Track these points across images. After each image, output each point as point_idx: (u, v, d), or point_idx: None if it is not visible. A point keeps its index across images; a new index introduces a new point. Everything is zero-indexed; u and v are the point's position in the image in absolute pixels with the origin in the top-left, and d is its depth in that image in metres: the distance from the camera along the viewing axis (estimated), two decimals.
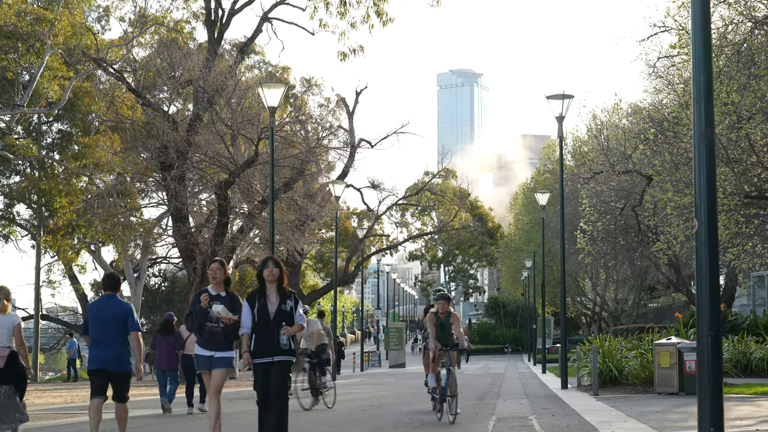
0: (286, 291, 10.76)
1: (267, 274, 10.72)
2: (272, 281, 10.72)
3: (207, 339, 11.38)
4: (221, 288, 11.46)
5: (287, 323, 10.62)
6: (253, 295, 10.81)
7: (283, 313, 10.62)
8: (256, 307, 10.68)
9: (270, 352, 10.61)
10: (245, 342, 10.71)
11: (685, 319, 27.52)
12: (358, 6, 38.19)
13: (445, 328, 15.76)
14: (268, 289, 10.72)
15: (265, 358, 10.62)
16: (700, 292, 8.12)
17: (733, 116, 22.03)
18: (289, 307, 10.69)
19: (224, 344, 11.35)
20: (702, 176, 8.17)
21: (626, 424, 13.89)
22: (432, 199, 66.63)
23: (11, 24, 35.54)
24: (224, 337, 11.28)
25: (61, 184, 40.62)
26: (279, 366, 10.67)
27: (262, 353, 10.64)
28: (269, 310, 10.62)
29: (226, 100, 37.36)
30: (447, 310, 15.94)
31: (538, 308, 56.66)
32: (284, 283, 10.77)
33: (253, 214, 38.22)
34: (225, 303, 11.23)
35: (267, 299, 10.67)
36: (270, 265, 10.77)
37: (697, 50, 8.31)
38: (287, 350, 10.68)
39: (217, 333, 11.29)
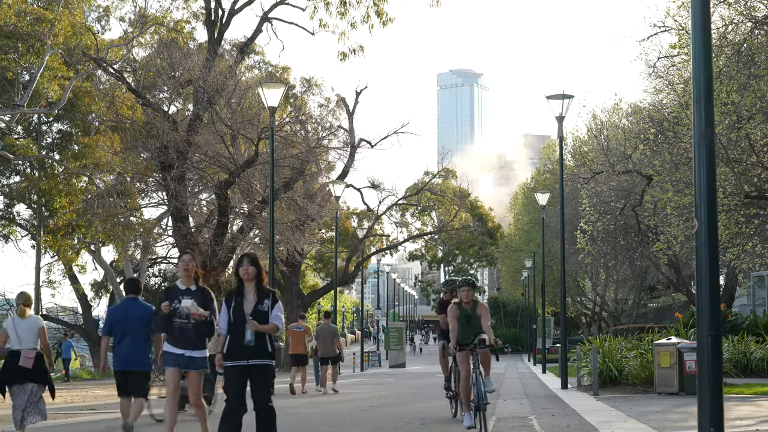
0: (264, 290, 10.21)
1: (243, 273, 10.18)
2: (249, 280, 10.17)
3: (177, 337, 10.85)
4: (191, 282, 11.01)
5: (263, 324, 10.05)
6: (231, 294, 10.29)
7: (259, 313, 10.05)
8: (232, 306, 10.11)
9: (244, 355, 9.98)
10: (220, 343, 10.21)
11: (685, 319, 27.53)
12: (358, 6, 38.19)
13: (471, 322, 13.17)
14: (246, 288, 10.17)
15: (239, 361, 9.98)
16: (700, 292, 8.12)
17: (733, 116, 22.03)
18: (267, 307, 10.13)
19: (196, 342, 10.82)
20: (702, 176, 8.17)
21: (626, 424, 13.90)
22: (432, 199, 66.61)
23: (11, 24, 35.54)
24: (196, 334, 10.77)
25: (61, 184, 40.60)
26: (259, 372, 10.03)
27: (236, 356, 9.99)
28: (245, 310, 10.06)
29: (226, 100, 37.35)
30: (473, 299, 13.31)
31: (538, 308, 56.66)
32: (263, 282, 10.23)
33: (253, 214, 38.21)
34: (195, 297, 10.74)
35: (244, 298, 10.12)
36: (245, 263, 10.22)
37: (697, 50, 8.31)
38: (265, 354, 10.05)
39: (188, 330, 10.78)
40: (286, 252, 42.74)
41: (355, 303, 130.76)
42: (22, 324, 12.69)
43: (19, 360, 12.50)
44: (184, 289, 10.93)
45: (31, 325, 12.72)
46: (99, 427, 16.15)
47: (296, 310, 52.17)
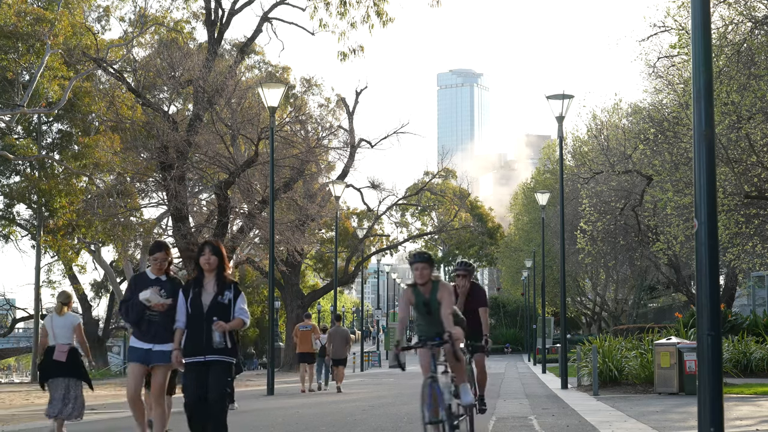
0: (226, 280, 9.47)
1: (203, 263, 9.45)
2: (210, 270, 9.45)
3: (145, 330, 10.14)
4: (162, 272, 10.24)
5: (223, 317, 9.31)
6: (189, 284, 9.56)
7: (219, 305, 9.32)
8: (190, 297, 9.41)
9: (202, 351, 9.28)
10: (177, 338, 9.49)
11: (685, 319, 27.53)
12: (358, 6, 38.17)
13: (433, 310, 10.10)
14: (206, 278, 9.45)
15: (196, 357, 9.31)
16: (700, 292, 8.12)
17: (733, 116, 22.03)
18: (228, 299, 9.38)
19: (163, 335, 9.95)
20: (702, 176, 8.17)
21: (626, 424, 13.89)
22: (432, 199, 66.61)
23: (11, 24, 35.55)
24: (164, 327, 9.94)
25: (61, 184, 40.61)
26: (216, 369, 9.31)
27: (193, 351, 9.32)
28: (203, 302, 9.34)
29: (226, 100, 37.33)
30: (430, 278, 10.05)
31: (538, 308, 56.66)
32: (225, 272, 9.48)
33: (253, 214, 38.20)
34: (165, 287, 10.02)
35: (203, 289, 9.39)
36: (207, 252, 9.46)
37: (697, 50, 8.31)
38: (224, 349, 9.32)
39: (156, 323, 10.04)
40: (286, 252, 42.73)
41: (355, 303, 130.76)
42: (59, 321, 13.45)
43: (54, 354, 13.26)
44: (153, 278, 10.17)
45: (67, 322, 13.48)
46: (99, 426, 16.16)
47: (296, 310, 52.20)
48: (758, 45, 21.66)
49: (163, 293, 9.96)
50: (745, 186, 23.99)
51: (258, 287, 69.09)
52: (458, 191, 68.04)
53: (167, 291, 9.99)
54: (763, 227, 25.80)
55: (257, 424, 15.88)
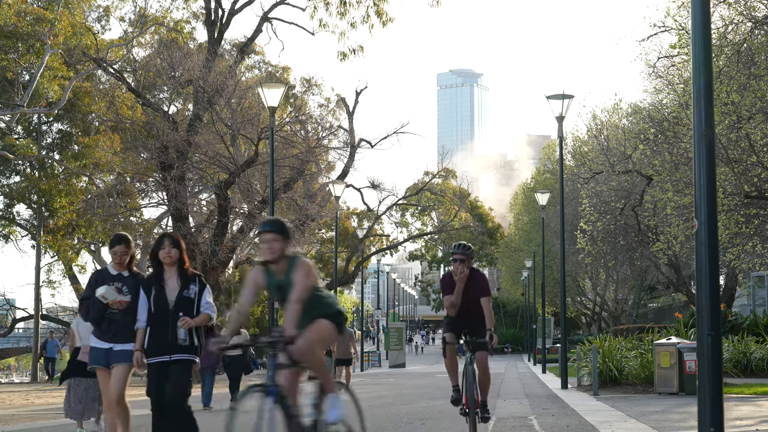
0: (189, 273, 8.99)
1: (164, 256, 8.96)
2: (171, 264, 8.97)
3: (106, 329, 9.41)
4: (123, 267, 9.50)
5: (190, 313, 8.86)
6: (149, 280, 9.03)
7: (185, 300, 8.86)
8: (152, 295, 8.90)
9: (167, 350, 8.79)
10: (139, 338, 8.95)
11: (685, 319, 27.53)
12: (358, 6, 38.19)
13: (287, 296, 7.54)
14: (167, 272, 8.97)
15: (161, 356, 8.82)
16: (700, 292, 8.12)
17: (733, 116, 22.03)
18: (194, 293, 8.92)
19: (125, 334, 9.29)
20: (702, 176, 8.17)
21: (626, 424, 13.89)
22: (432, 199, 66.62)
23: (11, 24, 35.56)
24: (125, 326, 9.29)
25: (61, 184, 40.63)
26: (177, 367, 8.84)
27: (158, 351, 8.82)
28: (168, 298, 8.86)
29: (226, 100, 37.34)
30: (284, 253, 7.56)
31: (538, 308, 56.67)
32: (186, 265, 9.00)
33: (253, 214, 38.20)
34: (127, 284, 9.36)
35: (165, 285, 8.91)
36: (167, 245, 8.98)
37: (697, 50, 8.31)
38: (188, 347, 8.87)
39: (117, 321, 9.34)
40: None
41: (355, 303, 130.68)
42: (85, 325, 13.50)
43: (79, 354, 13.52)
44: (115, 274, 9.46)
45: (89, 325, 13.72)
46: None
47: None
48: (758, 45, 21.66)
49: (125, 290, 9.31)
50: (745, 186, 23.99)
51: None
52: (458, 191, 68.06)
53: (129, 287, 9.33)
54: (763, 227, 25.80)
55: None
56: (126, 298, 9.24)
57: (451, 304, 11.15)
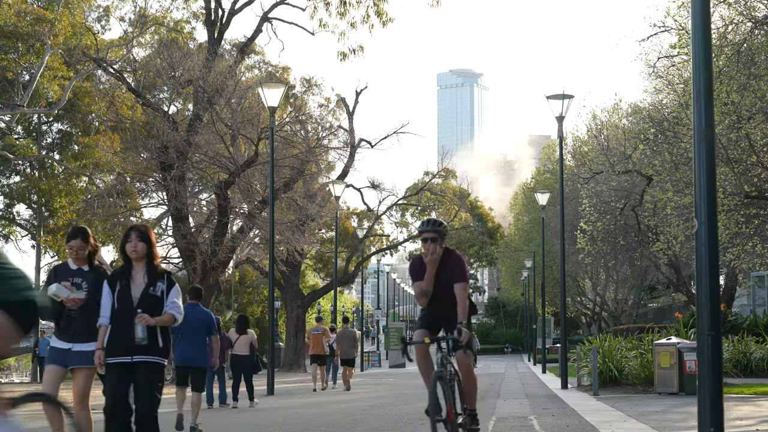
0: (157, 270, 8.49)
1: (130, 250, 8.45)
2: (138, 258, 8.45)
3: (65, 328, 8.87)
4: (83, 262, 8.96)
5: (156, 311, 8.30)
6: (115, 275, 8.54)
7: (150, 298, 8.33)
8: (117, 290, 8.40)
9: (129, 350, 8.22)
10: (100, 336, 8.38)
11: (685, 319, 27.52)
12: (358, 6, 38.19)
13: None
14: (135, 268, 8.46)
15: (122, 357, 8.24)
16: (700, 292, 8.12)
17: (733, 116, 22.03)
18: (160, 291, 8.40)
19: (84, 333, 8.76)
20: (702, 176, 8.18)
21: (626, 424, 13.89)
22: (432, 199, 66.58)
23: (11, 24, 35.57)
24: (84, 324, 8.76)
25: (61, 184, 40.64)
26: (144, 372, 8.22)
27: (118, 350, 8.24)
28: (132, 295, 8.33)
29: (226, 100, 37.34)
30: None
31: (538, 308, 56.67)
32: (155, 261, 8.53)
33: (253, 214, 38.20)
34: (87, 279, 8.87)
35: (131, 281, 8.40)
36: (133, 238, 8.48)
37: (697, 50, 8.31)
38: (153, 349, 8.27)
39: (75, 319, 8.82)
40: (286, 252, 42.72)
41: (355, 303, 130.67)
42: None
43: None
44: (75, 269, 8.95)
45: None
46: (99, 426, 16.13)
47: (296, 310, 52.23)
48: (758, 45, 21.66)
49: (84, 285, 8.82)
50: (745, 186, 23.99)
51: (258, 287, 69.09)
52: (458, 191, 68.03)
53: (89, 283, 8.82)
54: (763, 227, 25.81)
55: (257, 423, 15.88)
56: (80, 296, 8.72)
57: (421, 293, 9.33)
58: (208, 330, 14.46)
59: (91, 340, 8.65)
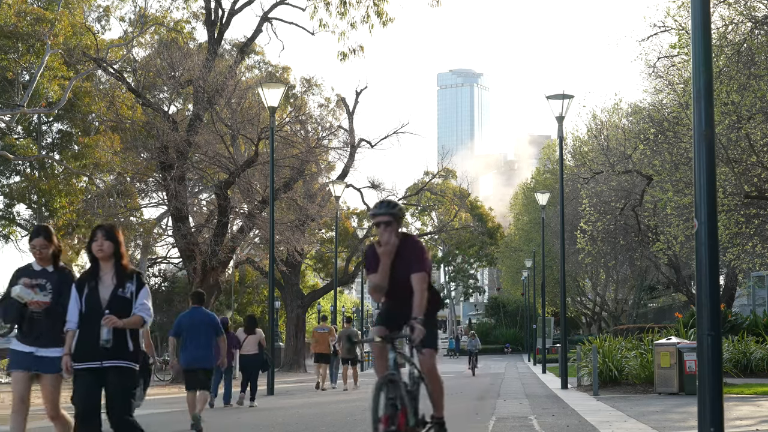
0: (126, 270, 8.09)
1: (96, 250, 8.05)
2: (105, 258, 8.06)
3: (27, 331, 8.50)
4: (48, 262, 8.63)
5: (125, 314, 7.89)
6: (83, 277, 8.12)
7: (120, 300, 7.94)
8: (85, 293, 7.99)
9: (98, 355, 7.81)
10: (68, 341, 7.98)
11: (685, 319, 27.53)
12: (358, 6, 38.19)
13: None
14: (103, 268, 8.07)
15: (90, 362, 7.83)
16: (700, 292, 8.12)
17: (733, 116, 22.03)
18: (129, 292, 8.00)
19: (49, 337, 8.39)
20: (702, 176, 8.18)
21: (626, 424, 13.89)
22: (432, 199, 66.60)
23: (11, 24, 35.55)
24: (50, 327, 8.39)
25: (61, 184, 40.61)
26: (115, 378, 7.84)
27: (87, 355, 7.85)
28: (101, 297, 7.94)
29: (226, 100, 37.34)
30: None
31: (538, 308, 56.66)
32: (123, 261, 8.12)
33: (253, 214, 38.20)
34: (51, 280, 8.50)
35: (99, 282, 8.01)
36: (99, 237, 8.08)
37: (697, 50, 8.31)
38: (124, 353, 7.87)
39: (39, 322, 8.44)
40: (286, 252, 42.72)
41: (355, 303, 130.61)
42: None
43: None
44: (39, 270, 8.59)
45: None
46: None
47: (296, 310, 52.23)
48: (758, 45, 21.66)
49: (48, 286, 8.48)
50: (745, 186, 23.99)
51: (258, 287, 69.09)
52: (458, 191, 68.02)
53: (53, 284, 8.48)
54: (763, 227, 25.80)
55: (257, 423, 15.89)
56: (45, 299, 8.41)
57: (374, 287, 8.23)
58: (215, 331, 14.77)
59: (56, 345, 8.30)
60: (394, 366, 7.75)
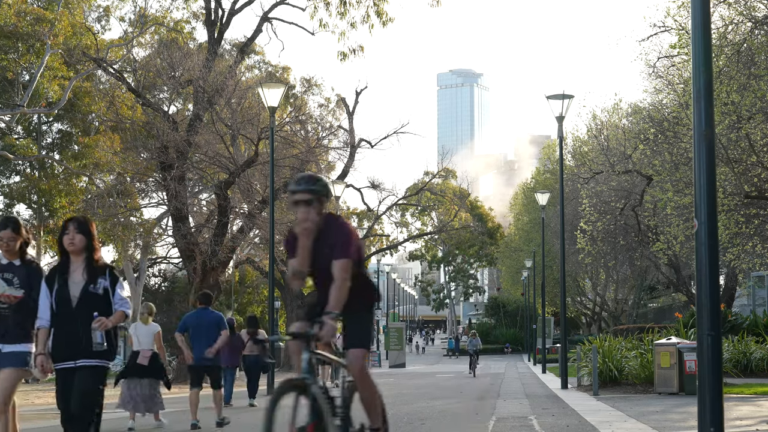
0: (98, 265, 7.69)
1: (67, 243, 7.65)
2: (76, 252, 7.65)
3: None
4: (15, 256, 8.23)
5: (97, 311, 7.49)
6: (52, 272, 7.71)
7: (91, 296, 7.54)
8: (54, 289, 7.59)
9: (72, 354, 7.47)
10: (41, 339, 7.60)
11: (685, 319, 27.53)
12: (358, 6, 38.19)
13: None
14: (73, 263, 7.67)
15: (66, 362, 7.52)
16: (700, 292, 8.12)
17: (733, 116, 22.03)
18: (102, 288, 7.60)
19: (15, 333, 8.03)
20: (702, 176, 8.17)
21: (626, 424, 13.88)
22: (432, 199, 66.59)
23: (11, 24, 35.55)
24: (15, 322, 8.05)
25: (61, 184, 40.62)
26: (83, 374, 7.49)
27: (62, 355, 7.52)
28: (71, 294, 7.54)
29: (226, 100, 37.34)
30: None
31: (538, 308, 56.66)
32: (95, 254, 7.71)
33: (253, 214, 38.20)
34: (19, 274, 8.16)
35: (69, 278, 7.60)
36: (70, 230, 7.66)
37: (697, 50, 8.31)
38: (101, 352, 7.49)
39: (6, 318, 8.09)
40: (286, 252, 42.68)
41: None
42: (143, 329, 15.29)
43: (138, 358, 15.02)
44: (5, 263, 8.22)
45: (150, 331, 15.30)
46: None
47: (296, 310, 52.18)
48: (758, 45, 21.66)
49: (16, 281, 8.16)
50: (745, 186, 23.99)
51: (258, 287, 69.07)
52: (458, 191, 68.03)
53: (21, 278, 8.14)
54: (763, 227, 25.80)
55: (257, 423, 15.84)
56: (17, 293, 8.07)
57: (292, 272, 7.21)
58: (218, 328, 14.96)
59: (23, 341, 8.04)
60: (307, 369, 6.52)
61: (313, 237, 6.99)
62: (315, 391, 6.42)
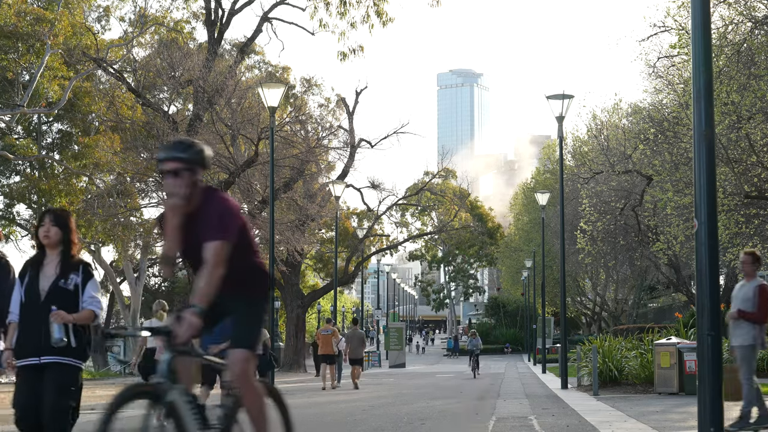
0: (73, 260, 7.34)
1: (42, 236, 7.31)
2: (52, 246, 7.31)
3: None
4: None
5: (66, 307, 7.12)
6: (26, 265, 7.45)
7: (61, 291, 7.18)
8: (25, 282, 7.30)
9: (37, 350, 7.10)
10: (9, 335, 7.29)
11: (685, 319, 27.53)
12: (358, 6, 38.20)
13: None
14: (48, 256, 7.33)
15: (30, 358, 7.13)
16: (700, 292, 8.12)
17: (733, 116, 22.03)
18: (73, 284, 7.25)
19: None
20: (702, 176, 8.18)
21: (626, 424, 13.88)
22: (432, 199, 66.56)
23: (11, 24, 35.54)
24: None
25: (61, 184, 40.58)
26: (52, 374, 7.05)
27: (25, 351, 7.15)
28: (40, 288, 7.21)
29: (226, 100, 37.34)
30: None
31: (538, 308, 56.66)
32: (72, 249, 7.35)
33: (253, 214, 38.20)
34: None
35: (42, 271, 7.28)
36: (47, 222, 7.33)
37: (697, 50, 8.31)
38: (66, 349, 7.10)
39: None
40: (286, 252, 42.71)
41: (355, 303, 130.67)
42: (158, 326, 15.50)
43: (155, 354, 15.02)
44: None
45: None
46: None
47: (296, 310, 52.17)
48: (758, 45, 21.66)
49: None
50: (745, 186, 23.99)
51: None
52: (458, 191, 68.01)
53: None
54: (763, 227, 25.81)
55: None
56: None
57: (162, 258, 6.19)
58: None
59: None
60: (165, 373, 5.64)
61: (186, 215, 5.87)
62: (173, 399, 5.52)
